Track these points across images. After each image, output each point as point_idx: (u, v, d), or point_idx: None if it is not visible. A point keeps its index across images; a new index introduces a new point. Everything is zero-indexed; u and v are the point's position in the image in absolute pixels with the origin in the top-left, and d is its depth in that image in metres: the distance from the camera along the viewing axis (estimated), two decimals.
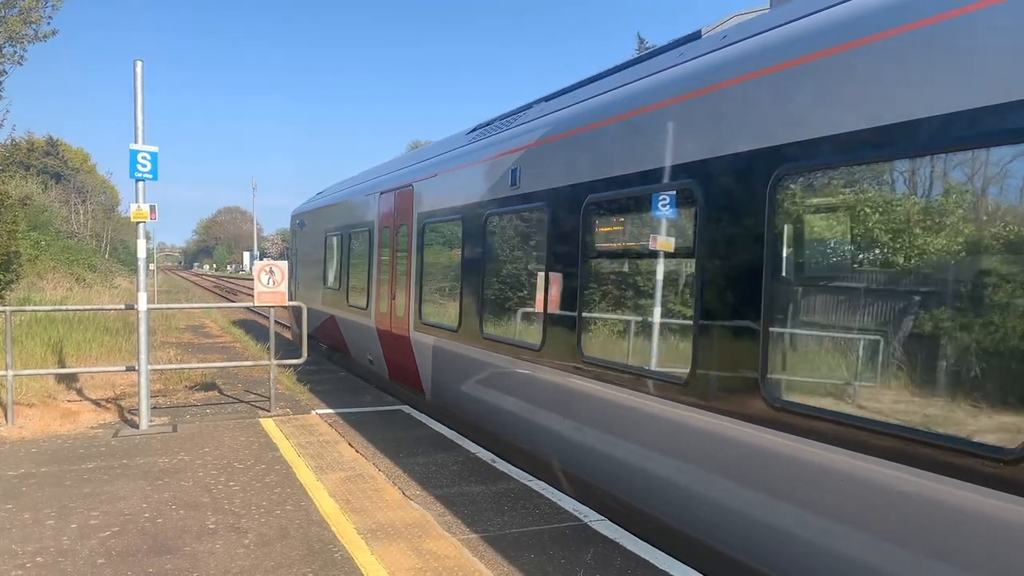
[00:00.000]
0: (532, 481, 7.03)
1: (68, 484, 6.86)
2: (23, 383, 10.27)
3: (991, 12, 3.46)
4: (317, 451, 8.11)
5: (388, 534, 5.68)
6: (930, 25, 3.73)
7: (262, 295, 10.20)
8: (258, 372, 12.96)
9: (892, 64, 3.90)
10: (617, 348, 6.27)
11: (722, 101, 5.09)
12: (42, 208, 43.76)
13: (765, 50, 4.85)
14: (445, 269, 10.08)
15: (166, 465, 7.52)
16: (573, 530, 5.79)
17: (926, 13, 3.76)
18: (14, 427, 8.98)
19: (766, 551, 4.54)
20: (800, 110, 4.44)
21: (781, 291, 4.56)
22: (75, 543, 5.45)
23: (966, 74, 3.53)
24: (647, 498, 5.69)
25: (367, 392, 12.07)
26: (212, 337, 19.88)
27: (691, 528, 5.21)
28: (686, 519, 5.25)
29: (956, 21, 3.60)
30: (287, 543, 5.50)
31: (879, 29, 4.02)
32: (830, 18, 4.45)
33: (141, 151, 8.75)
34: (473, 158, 9.24)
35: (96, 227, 68.08)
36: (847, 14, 4.32)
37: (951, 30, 3.62)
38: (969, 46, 3.53)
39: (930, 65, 3.71)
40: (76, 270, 37.27)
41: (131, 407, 10.01)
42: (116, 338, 15.76)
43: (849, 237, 4.40)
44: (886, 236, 4.10)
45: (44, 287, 28.11)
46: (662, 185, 5.65)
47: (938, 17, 3.70)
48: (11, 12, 18.67)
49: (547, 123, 7.65)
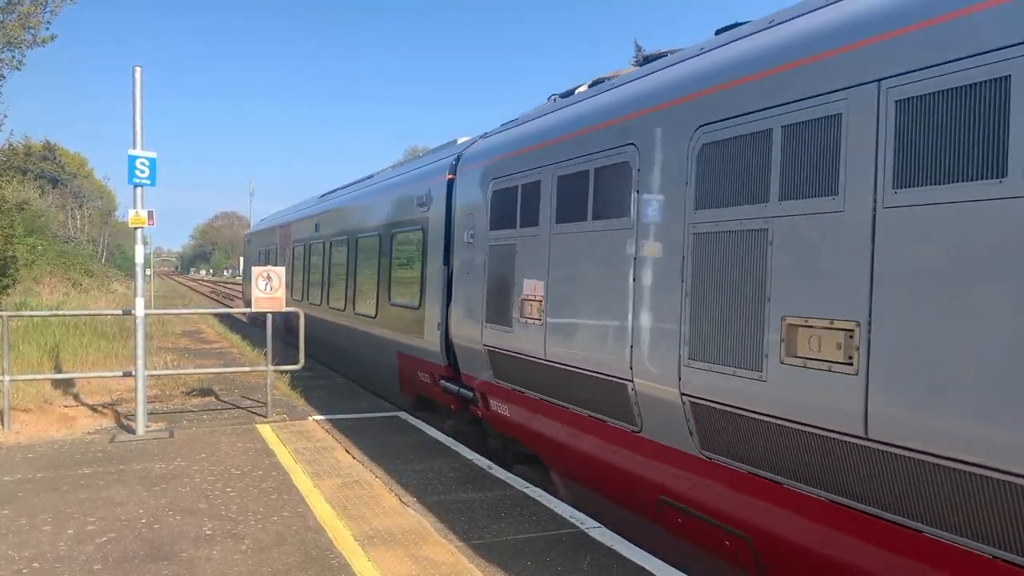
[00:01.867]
0: (529, 488, 7.04)
1: (65, 489, 6.85)
2: (19, 388, 10.25)
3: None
4: (314, 457, 8.11)
5: (385, 541, 5.68)
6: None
7: (260, 300, 10.20)
8: (255, 377, 12.96)
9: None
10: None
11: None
12: (39, 213, 43.77)
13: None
14: (303, 270, 18.38)
15: (163, 471, 7.51)
16: (570, 537, 5.79)
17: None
18: (10, 432, 8.97)
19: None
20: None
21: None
22: (72, 549, 5.44)
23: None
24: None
25: (364, 398, 12.07)
26: (209, 342, 19.87)
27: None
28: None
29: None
30: (284, 549, 5.49)
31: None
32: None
33: (139, 157, 8.77)
34: (308, 214, 18.95)
35: (93, 232, 68.11)
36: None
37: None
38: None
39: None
40: (73, 275, 37.28)
41: (128, 412, 10.00)
42: (113, 343, 15.75)
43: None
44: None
45: (40, 291, 28.11)
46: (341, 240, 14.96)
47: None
48: (10, 17, 18.71)
49: (329, 205, 17.04)
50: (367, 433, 9.32)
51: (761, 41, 4.98)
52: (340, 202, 16.00)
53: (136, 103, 8.78)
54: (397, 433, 9.38)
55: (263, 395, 10.68)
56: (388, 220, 12.15)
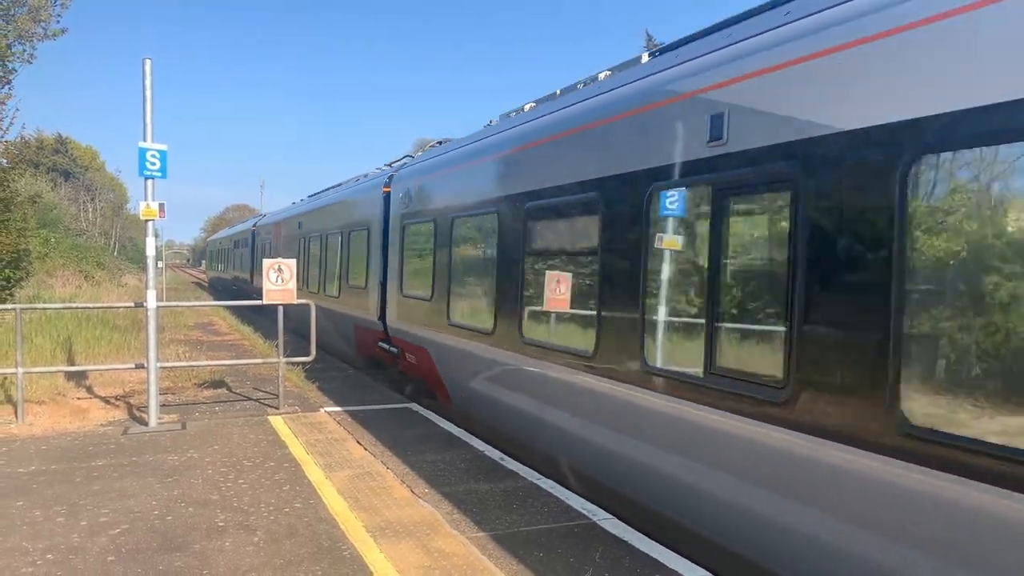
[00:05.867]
0: (540, 480, 7.02)
1: (78, 481, 6.89)
2: (33, 380, 10.31)
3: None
4: (326, 449, 8.12)
5: (397, 532, 5.68)
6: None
7: (271, 293, 10.21)
8: (267, 370, 12.99)
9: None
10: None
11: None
12: (51, 206, 44.05)
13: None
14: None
15: (175, 462, 7.54)
16: (582, 528, 5.78)
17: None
18: (24, 424, 9.02)
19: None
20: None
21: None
22: (85, 540, 5.47)
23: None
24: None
25: (375, 390, 12.08)
26: (221, 335, 19.94)
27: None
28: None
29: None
30: (296, 541, 5.50)
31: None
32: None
33: (150, 149, 8.77)
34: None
35: (105, 225, 68.47)
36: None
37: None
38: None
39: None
40: (85, 267, 37.48)
41: (140, 404, 10.04)
42: (125, 335, 15.80)
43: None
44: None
45: (53, 284, 28.27)
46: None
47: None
48: (20, 11, 18.74)
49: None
50: (378, 424, 9.33)
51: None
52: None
53: (146, 96, 8.78)
54: (408, 425, 9.39)
55: (275, 387, 10.70)
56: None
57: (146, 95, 8.77)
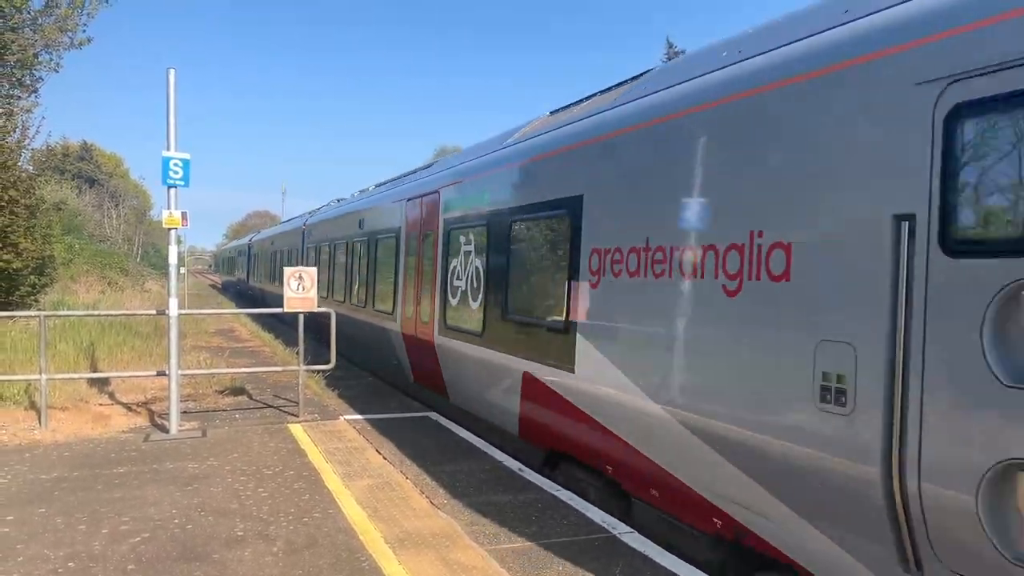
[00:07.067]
0: (559, 491, 6.97)
1: (99, 488, 6.93)
2: (56, 386, 10.41)
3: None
4: (345, 458, 8.12)
5: (416, 544, 5.66)
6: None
7: (291, 300, 10.25)
8: (286, 377, 13.03)
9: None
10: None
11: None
12: (75, 213, 44.60)
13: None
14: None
15: (195, 470, 7.57)
16: (602, 542, 5.72)
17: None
18: (47, 430, 9.10)
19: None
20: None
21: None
22: (106, 548, 5.49)
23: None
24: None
25: (394, 398, 12.08)
26: (242, 341, 20.05)
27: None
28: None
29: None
30: (315, 551, 5.49)
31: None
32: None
33: (173, 158, 8.85)
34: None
35: (128, 231, 69.21)
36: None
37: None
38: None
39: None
40: (108, 274, 37.83)
41: (161, 411, 10.11)
42: (147, 342, 15.94)
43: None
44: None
45: (77, 290, 28.57)
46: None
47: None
48: (47, 20, 18.99)
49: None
50: (398, 433, 9.31)
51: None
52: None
53: (170, 105, 8.86)
54: (427, 434, 9.37)
55: (295, 394, 10.73)
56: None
57: (169, 105, 8.85)
